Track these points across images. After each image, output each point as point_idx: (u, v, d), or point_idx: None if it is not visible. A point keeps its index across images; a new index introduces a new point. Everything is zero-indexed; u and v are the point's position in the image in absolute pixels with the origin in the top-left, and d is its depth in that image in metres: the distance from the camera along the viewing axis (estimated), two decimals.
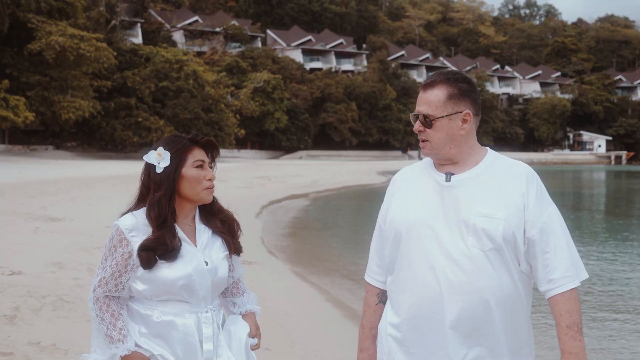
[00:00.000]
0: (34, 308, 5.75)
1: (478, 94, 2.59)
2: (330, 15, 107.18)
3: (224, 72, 69.82)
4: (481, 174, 2.51)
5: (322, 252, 13.15)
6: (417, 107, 2.58)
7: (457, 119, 2.51)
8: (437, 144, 2.51)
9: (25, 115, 42.86)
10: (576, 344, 2.42)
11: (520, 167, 2.54)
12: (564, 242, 2.48)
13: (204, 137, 2.67)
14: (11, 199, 14.96)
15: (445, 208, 2.47)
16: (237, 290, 2.80)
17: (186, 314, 2.54)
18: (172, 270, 2.51)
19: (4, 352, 4.56)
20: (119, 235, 2.53)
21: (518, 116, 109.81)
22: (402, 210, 2.55)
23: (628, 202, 31.64)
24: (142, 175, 2.63)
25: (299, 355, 5.39)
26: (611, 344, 6.99)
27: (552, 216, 2.49)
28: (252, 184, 28.36)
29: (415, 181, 2.61)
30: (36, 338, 4.96)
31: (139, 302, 2.56)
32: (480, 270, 2.42)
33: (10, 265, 7.42)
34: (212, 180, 2.64)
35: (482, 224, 2.41)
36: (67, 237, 10.13)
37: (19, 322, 5.31)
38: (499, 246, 2.42)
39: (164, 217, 2.53)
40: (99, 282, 2.53)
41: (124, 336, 2.50)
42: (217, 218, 2.70)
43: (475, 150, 2.56)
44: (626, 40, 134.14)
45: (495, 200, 2.44)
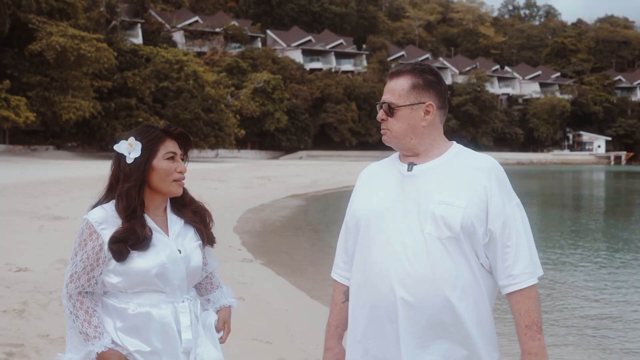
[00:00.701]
0: (41, 303, 5.95)
1: (445, 87, 2.55)
2: (330, 15, 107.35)
3: (224, 72, 69.98)
4: (444, 164, 2.48)
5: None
6: (383, 96, 2.56)
7: (420, 110, 2.48)
8: (397, 132, 2.50)
9: (26, 115, 43.00)
10: (535, 343, 2.37)
11: (485, 160, 2.50)
12: (525, 238, 2.44)
13: (177, 129, 2.64)
14: (14, 199, 15.15)
15: (406, 198, 2.44)
16: (211, 285, 2.77)
17: (162, 305, 2.51)
18: (145, 260, 2.48)
19: (15, 343, 4.75)
20: (89, 228, 2.50)
21: (518, 116, 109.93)
22: (364, 202, 2.53)
23: (627, 202, 31.77)
24: (112, 165, 2.59)
25: (298, 349, 5.57)
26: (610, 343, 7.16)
27: (515, 211, 2.45)
28: (252, 184, 28.52)
29: (379, 174, 2.60)
30: (45, 331, 5.15)
31: (113, 297, 2.53)
32: (436, 259, 2.37)
33: (17, 262, 7.62)
34: (182, 173, 2.60)
35: (440, 211, 2.38)
36: (71, 235, 10.25)
37: (28, 315, 5.51)
38: (457, 234, 2.37)
39: (132, 208, 2.50)
40: (71, 278, 2.50)
41: (100, 333, 2.46)
42: (189, 209, 2.68)
43: (438, 143, 2.53)
44: (626, 40, 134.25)
45: (456, 189, 2.41)
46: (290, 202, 24.72)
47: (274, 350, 5.24)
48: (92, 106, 49.53)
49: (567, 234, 17.77)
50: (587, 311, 8.35)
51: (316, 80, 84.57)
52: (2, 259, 7.82)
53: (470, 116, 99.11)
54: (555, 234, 17.50)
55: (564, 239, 16.47)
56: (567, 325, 7.50)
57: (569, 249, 14.49)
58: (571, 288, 9.78)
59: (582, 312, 8.28)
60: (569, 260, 12.85)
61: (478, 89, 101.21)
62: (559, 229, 18.92)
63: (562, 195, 35.66)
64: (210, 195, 18.04)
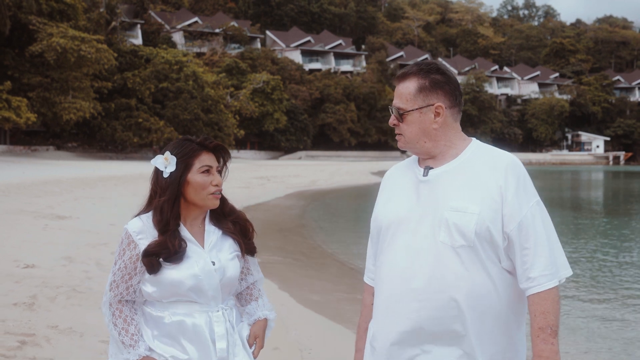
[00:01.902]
0: (49, 297, 6.26)
1: (454, 84, 2.45)
2: (330, 16, 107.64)
3: (223, 73, 70.23)
4: (459, 166, 2.41)
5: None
6: (393, 100, 2.51)
7: (429, 112, 2.41)
8: (410, 138, 2.44)
9: (27, 116, 43.25)
10: (547, 347, 2.28)
11: (501, 158, 2.41)
12: (545, 239, 2.34)
13: (213, 142, 2.65)
14: (18, 199, 15.46)
15: (422, 204, 2.40)
16: (250, 296, 2.77)
17: (196, 314, 2.54)
18: (178, 271, 2.51)
19: (27, 333, 5.08)
20: (128, 238, 2.55)
21: (516, 117, 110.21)
22: (384, 207, 2.52)
23: (626, 202, 31.93)
24: (151, 179, 2.63)
25: (293, 340, 5.88)
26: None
27: (534, 210, 2.35)
28: (251, 184, 28.80)
29: (398, 178, 2.55)
30: (54, 322, 5.46)
31: (151, 305, 2.58)
32: (448, 268, 2.32)
33: (25, 259, 7.93)
34: (218, 186, 2.62)
35: (454, 218, 2.32)
36: (74, 234, 10.63)
37: (37, 308, 5.82)
38: (472, 242, 2.31)
39: (165, 222, 2.53)
40: (110, 286, 2.56)
41: (135, 341, 2.51)
42: (229, 219, 2.69)
43: (455, 143, 2.45)
44: (624, 41, 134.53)
45: (470, 194, 2.34)
46: (289, 201, 25.01)
47: (270, 340, 5.53)
48: (92, 107, 49.78)
49: (566, 233, 17.98)
50: (588, 312, 8.49)
51: (315, 80, 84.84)
52: (10, 255, 8.15)
53: (469, 116, 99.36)
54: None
55: (563, 238, 16.66)
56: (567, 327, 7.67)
57: (567, 248, 14.69)
58: (570, 287, 10.00)
59: (582, 312, 8.40)
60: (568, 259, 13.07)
61: (477, 89, 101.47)
62: (558, 228, 19.13)
63: (560, 195, 35.90)
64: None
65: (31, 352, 4.66)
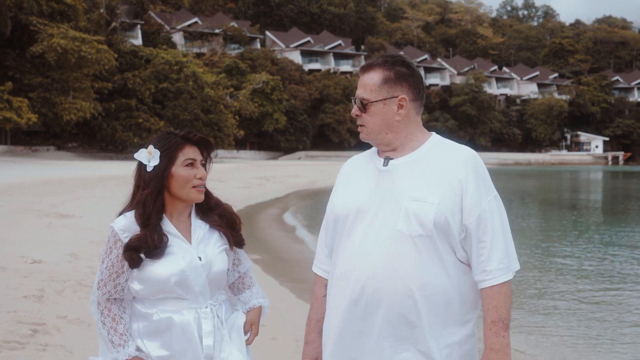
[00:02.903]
0: (57, 290, 6.55)
1: (419, 78, 2.47)
2: (329, 16, 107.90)
3: (223, 73, 70.39)
4: (420, 158, 2.42)
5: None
6: (357, 91, 2.49)
7: (392, 104, 2.41)
8: (372, 129, 2.44)
9: (28, 116, 43.50)
10: (499, 340, 2.32)
11: (462, 152, 2.43)
12: (501, 233, 2.36)
13: (197, 135, 2.62)
14: (21, 198, 15.76)
15: (382, 194, 2.40)
16: (243, 285, 2.76)
17: (184, 311, 2.53)
18: (164, 267, 2.50)
19: (38, 322, 5.39)
20: (114, 236, 2.54)
21: (515, 117, 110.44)
22: (341, 198, 2.51)
23: (625, 202, 32.10)
24: (134, 174, 2.62)
25: (289, 331, 6.16)
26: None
27: (492, 204, 2.37)
28: (251, 184, 29.02)
29: (357, 168, 2.55)
30: (63, 313, 5.76)
31: (140, 302, 2.57)
32: (404, 257, 2.32)
33: (31, 255, 8.23)
34: (202, 179, 2.59)
35: (413, 208, 2.33)
36: (78, 231, 10.93)
37: (46, 300, 6.11)
38: (429, 232, 2.32)
39: (147, 216, 2.51)
40: (98, 285, 2.55)
41: (124, 341, 2.50)
42: (215, 213, 2.67)
43: (415, 136, 2.46)
44: (623, 41, 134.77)
45: (430, 185, 2.35)
46: (287, 201, 25.27)
47: (267, 331, 5.81)
48: (92, 107, 50.00)
49: (565, 232, 18.14)
50: (585, 310, 8.65)
51: (315, 81, 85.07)
52: (18, 252, 8.45)
53: (468, 116, 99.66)
54: (555, 233, 17.92)
55: (562, 237, 16.84)
56: (566, 326, 7.81)
57: (565, 246, 14.88)
58: (569, 286, 10.16)
59: (581, 311, 8.56)
60: (567, 258, 13.33)
61: (476, 89, 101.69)
62: (557, 228, 19.35)
63: (559, 195, 36.12)
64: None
65: (43, 340, 4.97)
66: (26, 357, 4.58)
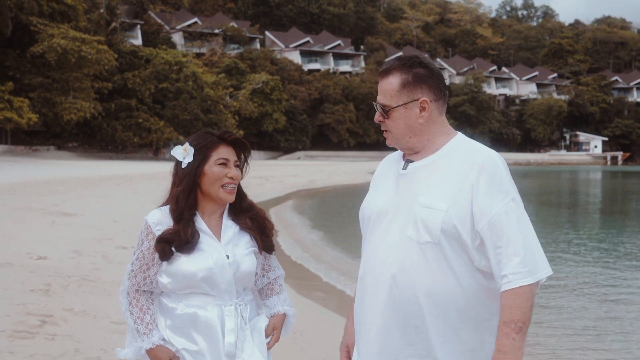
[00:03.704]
0: (62, 284, 6.77)
1: (438, 76, 2.42)
2: (329, 16, 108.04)
3: (222, 73, 70.56)
4: (437, 161, 2.38)
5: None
6: (377, 96, 2.47)
7: (414, 107, 2.38)
8: (397, 134, 2.41)
9: (29, 116, 43.73)
10: (509, 342, 2.21)
11: (478, 155, 2.35)
12: (519, 237, 2.25)
13: (232, 135, 2.68)
14: (24, 197, 15.99)
15: (399, 198, 2.39)
16: (271, 291, 2.80)
17: (209, 307, 2.58)
18: (192, 263, 2.55)
19: (46, 314, 5.61)
20: (147, 229, 2.61)
21: (515, 117, 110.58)
22: (368, 200, 2.53)
23: (624, 202, 32.21)
24: (171, 170, 2.68)
25: None
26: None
27: (508, 208, 2.27)
28: (250, 184, 29.08)
29: (385, 170, 2.55)
30: (69, 306, 5.99)
31: (167, 296, 2.63)
32: (412, 263, 2.31)
33: (37, 252, 8.47)
34: (233, 179, 2.63)
35: (421, 214, 2.30)
36: (80, 229, 11.14)
37: (53, 294, 6.34)
38: (437, 239, 2.28)
39: (180, 211, 2.57)
40: (129, 275, 2.62)
41: (149, 330, 2.57)
42: (247, 215, 2.71)
43: (438, 137, 2.42)
44: (623, 41, 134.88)
45: (441, 190, 2.31)
46: (286, 200, 25.47)
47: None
48: (92, 107, 50.25)
49: (562, 231, 18.28)
50: (584, 310, 8.73)
51: (314, 81, 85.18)
52: (23, 248, 8.68)
53: (467, 116, 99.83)
54: (553, 232, 18.06)
55: (560, 236, 16.96)
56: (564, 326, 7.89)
57: (564, 246, 15.02)
58: (568, 286, 10.31)
59: (580, 311, 8.64)
60: (566, 257, 13.50)
61: (475, 89, 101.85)
62: (555, 227, 19.50)
63: (558, 194, 36.31)
64: None
65: (51, 330, 5.19)
66: (36, 345, 4.80)
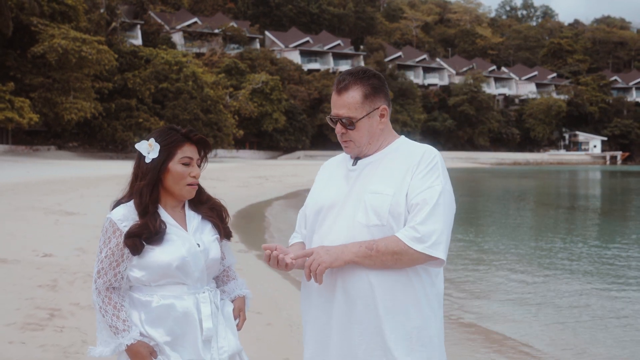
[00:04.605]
0: (68, 280, 7.06)
1: (387, 86, 2.64)
2: (328, 16, 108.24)
3: (222, 73, 70.72)
4: (385, 156, 2.60)
5: None
6: (334, 110, 2.61)
7: (375, 115, 2.59)
8: (359, 142, 2.60)
9: (30, 116, 43.94)
10: (354, 247, 2.45)
11: (421, 149, 2.60)
12: (439, 213, 2.45)
13: (197, 134, 2.72)
14: (27, 196, 16.25)
15: (349, 190, 2.59)
16: (227, 278, 2.87)
17: (185, 296, 2.63)
18: (165, 253, 2.60)
19: (53, 308, 5.89)
20: (112, 226, 2.62)
21: (514, 117, 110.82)
22: (317, 195, 2.71)
23: (623, 201, 32.39)
24: (134, 164, 2.72)
25: (284, 317, 6.64)
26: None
27: (435, 190, 2.48)
28: (249, 183, 29.42)
29: (333, 168, 2.74)
30: (75, 300, 6.27)
31: (138, 291, 2.65)
32: None
33: (42, 249, 8.76)
34: (196, 178, 2.70)
35: (371, 200, 2.50)
36: (84, 228, 11.42)
37: (59, 289, 6.62)
38: (385, 221, 2.48)
39: (144, 205, 2.62)
40: (98, 274, 2.63)
41: (128, 326, 2.58)
42: (206, 206, 2.79)
43: (387, 139, 2.65)
44: (622, 41, 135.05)
45: (387, 180, 2.52)
46: (286, 200, 25.71)
47: (263, 318, 6.29)
48: (93, 107, 50.41)
49: (562, 231, 18.46)
50: (583, 309, 8.78)
51: (314, 81, 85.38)
52: (29, 246, 8.96)
53: (466, 116, 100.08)
54: (551, 231, 18.29)
55: (559, 236, 17.13)
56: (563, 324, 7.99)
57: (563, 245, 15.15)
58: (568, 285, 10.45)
59: (579, 310, 8.69)
60: (564, 256, 13.73)
61: (475, 89, 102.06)
62: (554, 226, 19.72)
63: (557, 193, 36.50)
64: (210, 193, 19.01)
65: (60, 322, 5.48)
66: (46, 336, 5.08)
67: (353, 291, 2.50)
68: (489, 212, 24.15)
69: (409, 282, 2.49)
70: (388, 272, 2.47)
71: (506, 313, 8.18)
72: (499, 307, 8.48)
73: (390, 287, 2.47)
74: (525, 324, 7.64)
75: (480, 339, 6.77)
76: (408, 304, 2.48)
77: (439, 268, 2.57)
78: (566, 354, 6.52)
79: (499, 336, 6.98)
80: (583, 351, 6.65)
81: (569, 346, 6.82)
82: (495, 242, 15.18)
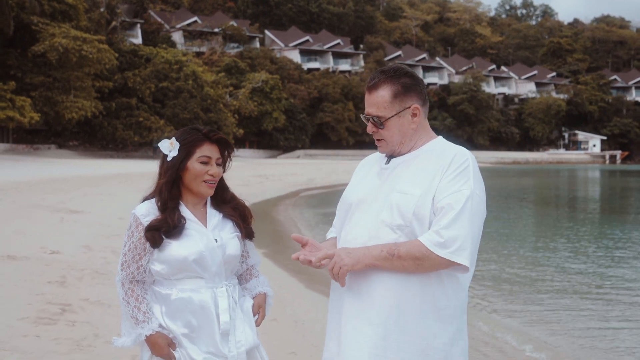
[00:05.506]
0: (77, 277, 7.19)
1: (422, 83, 2.62)
2: (328, 15, 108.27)
3: (222, 72, 70.76)
4: (418, 156, 2.58)
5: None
6: (366, 109, 2.62)
7: (407, 115, 2.57)
8: (391, 141, 2.59)
9: (30, 115, 44.03)
10: (376, 251, 2.45)
11: (454, 150, 2.57)
12: (465, 218, 2.41)
13: (216, 134, 2.81)
14: (30, 195, 16.39)
15: (380, 188, 2.59)
16: (250, 276, 2.97)
17: (202, 290, 2.72)
18: (183, 248, 2.70)
19: (64, 303, 6.03)
20: (135, 221, 2.74)
21: (514, 116, 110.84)
22: (351, 190, 2.73)
23: (622, 200, 32.45)
24: (159, 162, 2.83)
25: (289, 314, 6.77)
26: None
27: (463, 194, 2.43)
28: (250, 183, 29.56)
29: (369, 165, 2.76)
30: (84, 296, 6.40)
31: (160, 284, 2.76)
32: (381, 243, 2.48)
33: (50, 246, 8.90)
34: (214, 176, 2.78)
35: (397, 199, 2.48)
36: (89, 226, 11.56)
37: (68, 285, 6.75)
38: (409, 222, 2.46)
39: (164, 202, 2.73)
40: (122, 266, 2.75)
41: (148, 318, 2.71)
42: (229, 205, 2.88)
43: (422, 138, 2.63)
44: (621, 40, 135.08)
45: (416, 179, 2.50)
46: (285, 199, 25.82)
47: (269, 314, 6.41)
48: (93, 106, 50.52)
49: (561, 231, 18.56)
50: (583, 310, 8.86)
51: (314, 80, 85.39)
52: (36, 243, 9.10)
53: (466, 115, 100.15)
54: (550, 231, 18.39)
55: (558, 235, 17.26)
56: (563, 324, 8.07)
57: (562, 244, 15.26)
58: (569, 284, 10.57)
59: (578, 311, 8.75)
60: (563, 256, 13.84)
61: (474, 88, 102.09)
62: (553, 226, 19.80)
63: (557, 193, 36.58)
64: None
65: (71, 317, 5.62)
66: (59, 330, 5.22)
67: (368, 292, 2.51)
68: (488, 211, 24.14)
69: (430, 288, 2.47)
70: (408, 276, 2.46)
71: (503, 312, 8.28)
72: (498, 307, 8.58)
73: (408, 291, 2.46)
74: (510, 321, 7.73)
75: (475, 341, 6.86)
76: (426, 310, 2.47)
77: (465, 274, 2.51)
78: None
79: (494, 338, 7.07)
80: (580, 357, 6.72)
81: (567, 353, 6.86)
82: (495, 241, 15.28)
